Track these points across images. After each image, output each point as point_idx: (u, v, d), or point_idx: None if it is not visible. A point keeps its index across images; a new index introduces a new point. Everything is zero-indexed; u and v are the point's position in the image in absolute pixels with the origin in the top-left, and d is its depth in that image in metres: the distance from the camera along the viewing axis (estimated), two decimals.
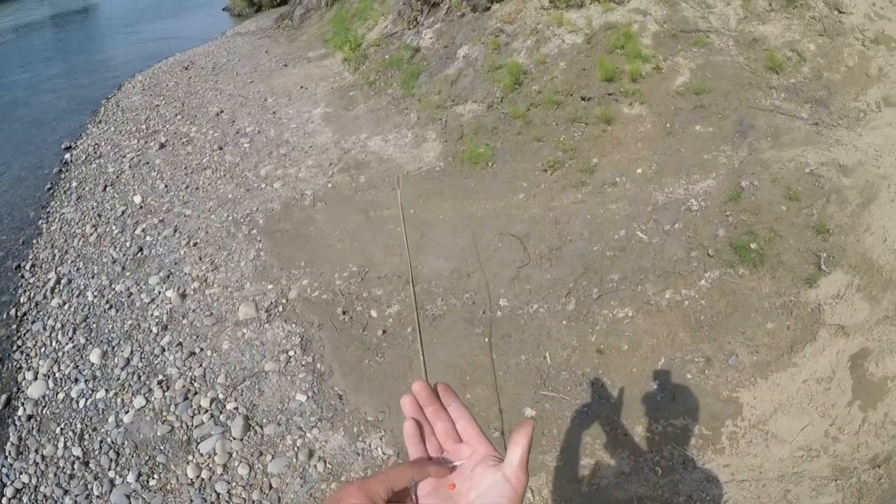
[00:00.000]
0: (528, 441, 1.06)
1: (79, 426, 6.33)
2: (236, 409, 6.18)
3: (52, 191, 11.96)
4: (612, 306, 6.45)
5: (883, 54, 8.99)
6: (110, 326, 7.70)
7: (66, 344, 7.54)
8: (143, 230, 9.68)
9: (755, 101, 8.73)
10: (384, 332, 6.75)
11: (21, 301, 8.58)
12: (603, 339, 6.14)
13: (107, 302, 8.15)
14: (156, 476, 5.70)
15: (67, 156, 13.60)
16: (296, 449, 5.69)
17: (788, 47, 9.40)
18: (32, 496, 5.76)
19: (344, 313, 7.08)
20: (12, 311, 8.38)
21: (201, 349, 7.04)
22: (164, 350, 7.12)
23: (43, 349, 7.57)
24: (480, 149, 9.71)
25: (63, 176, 12.59)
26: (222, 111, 14.82)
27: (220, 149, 12.40)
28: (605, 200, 7.93)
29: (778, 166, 7.42)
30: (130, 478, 5.70)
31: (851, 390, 5.14)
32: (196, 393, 6.46)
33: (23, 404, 6.78)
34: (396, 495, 1.03)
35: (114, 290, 8.37)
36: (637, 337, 6.08)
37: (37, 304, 8.44)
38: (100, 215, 10.47)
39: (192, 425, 6.11)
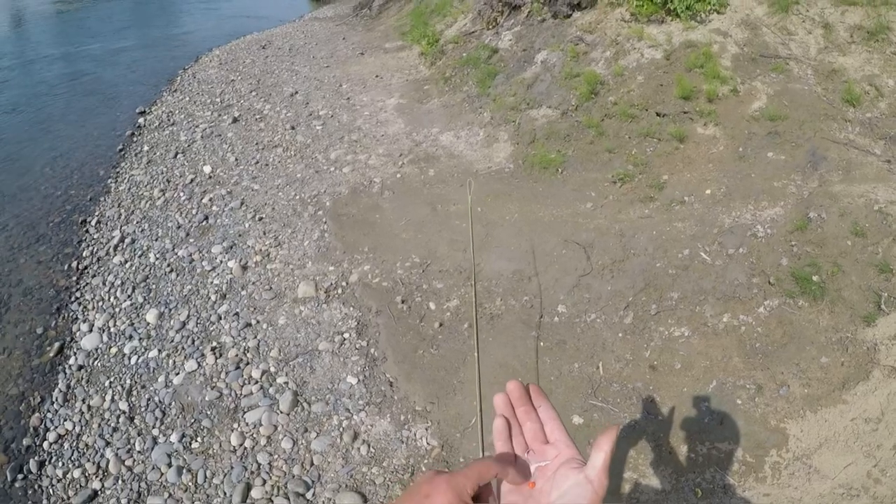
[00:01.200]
0: (611, 446, 1.06)
1: (128, 382, 6.45)
2: (286, 383, 6.22)
3: (123, 152, 12.21)
4: (669, 324, 6.38)
5: None
6: (169, 289, 7.82)
7: (124, 301, 7.68)
8: (210, 199, 9.82)
9: (829, 132, 8.54)
10: (441, 325, 6.73)
11: (83, 255, 8.77)
12: (657, 356, 6.08)
13: (168, 265, 8.27)
14: (199, 439, 5.77)
15: (141, 120, 13.90)
16: (341, 430, 5.70)
17: (867, 81, 9.18)
18: (74, 443, 5.88)
19: (403, 302, 7.09)
20: (74, 264, 8.57)
21: (257, 321, 7.09)
22: (220, 318, 7.20)
23: (101, 303, 7.73)
24: (551, 154, 9.66)
25: (135, 139, 12.85)
26: (297, 92, 14.99)
27: (293, 128, 12.53)
28: (672, 218, 7.84)
29: (847, 200, 7.25)
30: (174, 438, 5.78)
31: None
32: (248, 363, 6.52)
33: (75, 354, 6.93)
34: (480, 490, 1.03)
35: (176, 254, 8.50)
36: (691, 357, 6.01)
37: (99, 260, 8.61)
38: (168, 181, 10.65)
39: (241, 394, 6.17)
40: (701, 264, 6.99)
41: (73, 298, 7.88)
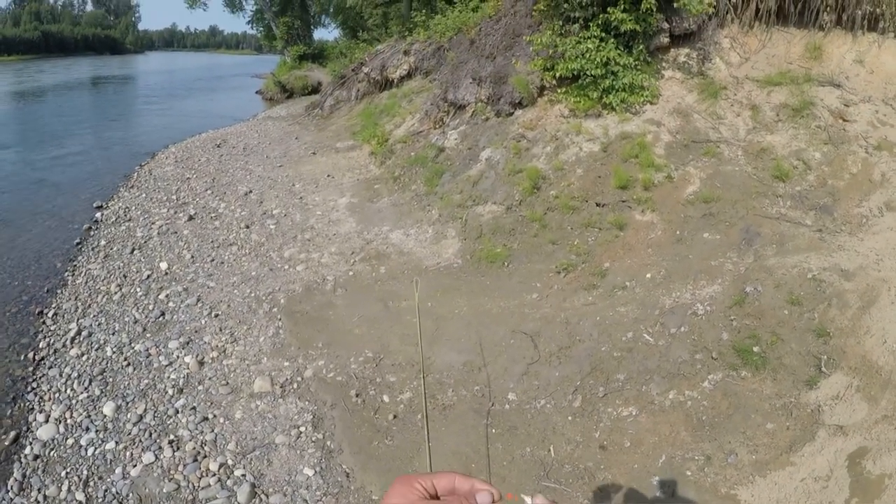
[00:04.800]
0: None
1: (85, 473, 6.43)
2: (244, 476, 6.30)
3: (80, 246, 12.36)
4: (617, 405, 6.70)
5: (886, 160, 9.48)
6: (126, 383, 7.86)
7: (81, 393, 7.68)
8: (166, 296, 9.95)
9: (762, 209, 9.17)
10: (395, 416, 6.94)
11: (40, 346, 8.76)
12: (606, 436, 6.36)
13: (125, 359, 8.32)
14: None
15: (98, 215, 14.11)
16: None
17: (795, 156, 9.93)
18: None
19: (357, 396, 7.28)
20: (30, 354, 8.55)
21: (214, 416, 7.18)
22: (177, 412, 7.27)
23: (57, 395, 7.70)
24: (498, 249, 10.12)
25: (92, 233, 13.03)
26: (251, 191, 15.35)
27: (247, 227, 12.83)
28: (615, 303, 8.27)
29: (781, 272, 7.78)
30: None
31: (849, 488, 5.31)
32: (205, 456, 6.58)
33: (31, 444, 6.87)
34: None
35: (133, 348, 8.56)
36: (640, 435, 6.30)
37: (55, 351, 8.60)
38: (125, 276, 10.76)
39: (199, 487, 6.21)
40: (645, 345, 7.38)
41: (29, 389, 7.83)
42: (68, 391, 7.76)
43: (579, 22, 12.37)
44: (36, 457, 6.70)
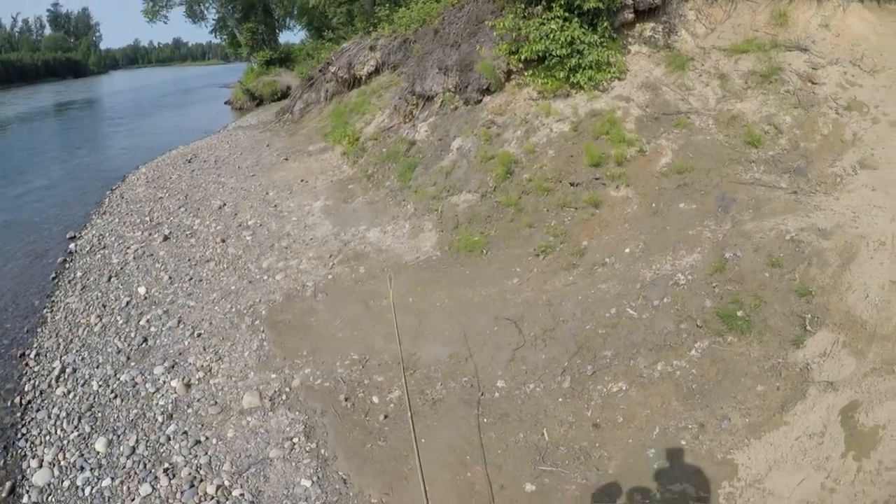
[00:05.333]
0: None
1: None
2: (242, 495, 6.26)
3: (56, 280, 12.16)
4: (606, 381, 6.72)
5: (856, 119, 9.53)
6: (115, 415, 7.78)
7: (72, 432, 7.60)
8: (147, 321, 9.86)
9: (736, 175, 9.22)
10: (386, 416, 6.92)
11: (25, 389, 8.62)
12: (598, 414, 6.38)
13: (112, 391, 8.23)
14: None
15: (72, 246, 13.88)
16: None
17: (766, 122, 9.99)
18: None
19: (346, 400, 7.25)
20: (17, 399, 8.42)
21: (206, 437, 7.13)
22: (169, 439, 7.21)
23: (48, 437, 7.60)
24: (475, 237, 10.11)
25: (68, 266, 12.83)
26: (225, 204, 15.24)
27: (223, 241, 12.73)
28: (596, 281, 8.28)
29: (759, 236, 7.84)
30: None
31: (844, 442, 5.38)
32: (202, 480, 6.53)
33: (27, 492, 6.77)
34: None
35: (119, 379, 8.46)
36: (631, 409, 6.33)
37: (41, 393, 8.48)
38: (104, 305, 10.64)
39: None
40: (629, 320, 7.41)
41: (19, 435, 7.72)
42: (59, 432, 7.66)
43: (542, 3, 12.33)
44: None
